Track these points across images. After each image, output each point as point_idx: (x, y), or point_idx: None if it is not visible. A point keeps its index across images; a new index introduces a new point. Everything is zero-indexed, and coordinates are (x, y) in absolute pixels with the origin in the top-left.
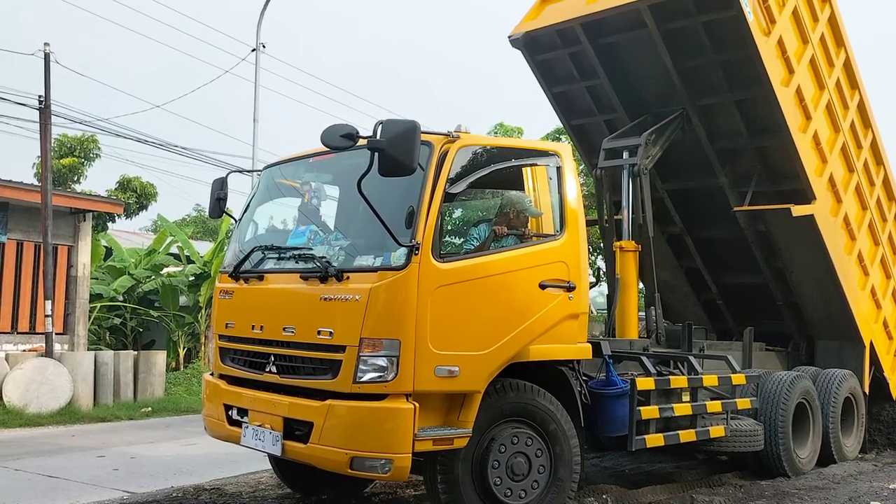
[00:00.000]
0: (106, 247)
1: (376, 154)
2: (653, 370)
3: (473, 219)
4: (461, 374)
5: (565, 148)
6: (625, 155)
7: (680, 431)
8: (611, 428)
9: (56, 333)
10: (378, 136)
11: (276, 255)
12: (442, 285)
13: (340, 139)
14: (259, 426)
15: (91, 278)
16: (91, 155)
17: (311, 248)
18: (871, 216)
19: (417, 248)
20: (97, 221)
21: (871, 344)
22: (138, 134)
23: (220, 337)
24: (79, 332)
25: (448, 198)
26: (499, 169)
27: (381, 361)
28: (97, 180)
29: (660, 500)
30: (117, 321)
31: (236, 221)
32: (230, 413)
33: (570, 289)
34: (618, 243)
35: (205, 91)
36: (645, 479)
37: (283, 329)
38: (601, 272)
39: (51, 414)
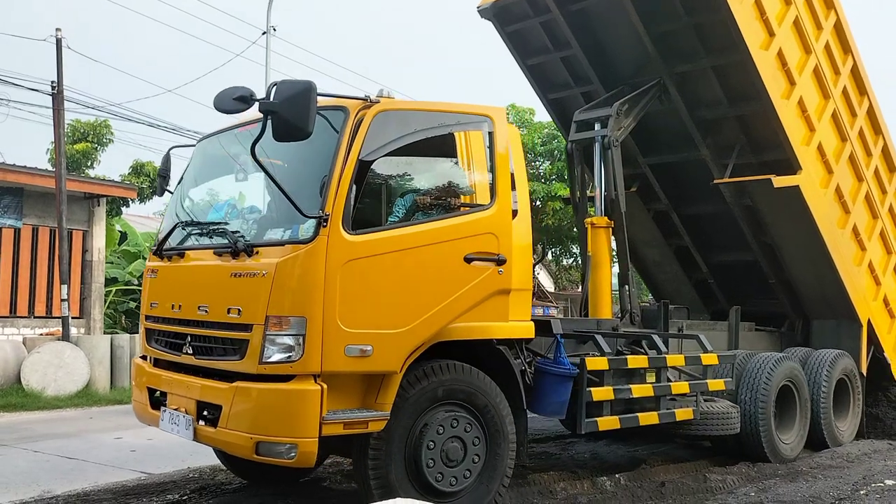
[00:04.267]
0: (120, 231)
1: (269, 117)
2: (607, 349)
3: (398, 189)
4: (375, 353)
5: (499, 111)
6: (596, 127)
7: (640, 414)
8: (545, 409)
9: (72, 317)
10: (272, 98)
11: (198, 231)
12: (353, 259)
13: (233, 102)
14: (175, 410)
15: (106, 262)
16: (104, 140)
17: (227, 223)
18: (868, 188)
19: (326, 220)
20: (111, 206)
21: (869, 322)
22: (150, 118)
23: (146, 318)
24: (95, 315)
25: (364, 166)
26: (424, 135)
27: (288, 340)
28: (110, 165)
29: (673, 479)
30: (132, 305)
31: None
32: (154, 396)
33: (499, 262)
34: (589, 220)
35: (216, 74)
36: (658, 460)
37: (198, 308)
38: (544, 249)
39: (68, 397)
